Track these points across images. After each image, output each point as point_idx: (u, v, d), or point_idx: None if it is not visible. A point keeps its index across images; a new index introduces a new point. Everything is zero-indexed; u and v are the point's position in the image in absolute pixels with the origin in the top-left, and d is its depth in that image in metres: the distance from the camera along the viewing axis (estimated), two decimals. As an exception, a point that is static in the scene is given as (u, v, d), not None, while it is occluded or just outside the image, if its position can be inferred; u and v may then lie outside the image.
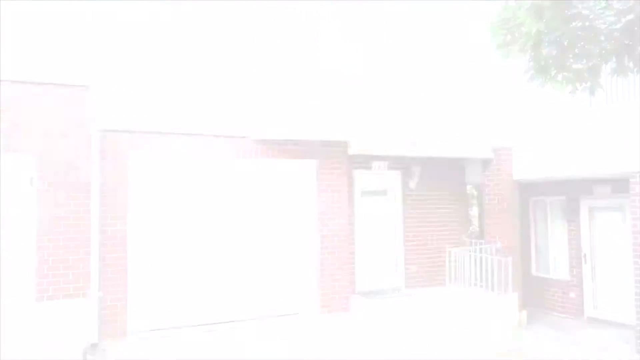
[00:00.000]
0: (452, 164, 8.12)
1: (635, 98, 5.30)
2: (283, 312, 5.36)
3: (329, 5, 5.53)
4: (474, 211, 10.01)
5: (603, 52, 3.04)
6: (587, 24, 2.94)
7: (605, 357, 5.19)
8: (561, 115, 6.24)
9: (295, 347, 4.74)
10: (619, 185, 6.67)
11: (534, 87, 3.53)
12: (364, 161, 7.20)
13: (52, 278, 4.34)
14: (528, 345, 5.60)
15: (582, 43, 3.06)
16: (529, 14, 3.04)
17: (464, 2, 7.14)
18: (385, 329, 5.17)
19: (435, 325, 5.52)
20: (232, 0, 5.34)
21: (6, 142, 4.17)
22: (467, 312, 5.72)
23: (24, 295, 4.30)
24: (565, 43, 3.05)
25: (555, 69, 3.27)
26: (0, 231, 4.23)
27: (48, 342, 4.16)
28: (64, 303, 4.33)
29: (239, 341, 4.76)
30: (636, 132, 5.11)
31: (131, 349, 4.51)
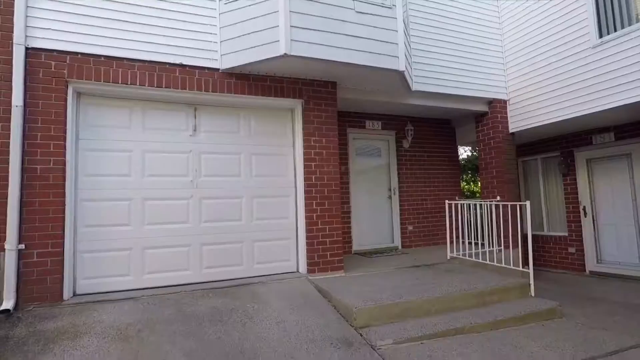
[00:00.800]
0: (444, 126, 8.02)
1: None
2: (266, 272, 4.94)
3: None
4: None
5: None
6: None
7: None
8: (559, 60, 5.97)
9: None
10: (625, 130, 6.57)
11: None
12: (358, 120, 7.08)
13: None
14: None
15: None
16: None
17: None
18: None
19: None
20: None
21: None
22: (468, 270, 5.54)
23: None
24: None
25: None
26: None
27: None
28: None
29: (204, 309, 3.90)
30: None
31: (63, 318, 3.54)
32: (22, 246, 3.79)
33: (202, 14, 4.69)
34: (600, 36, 5.45)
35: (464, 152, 15.82)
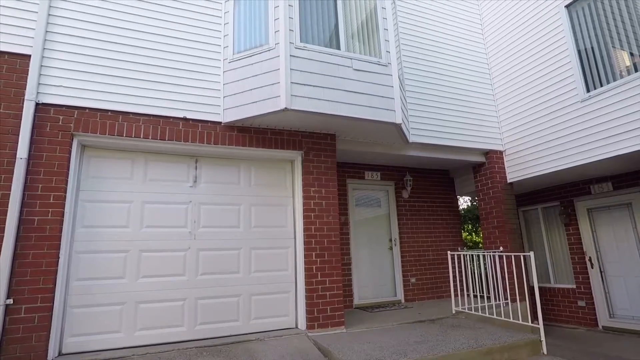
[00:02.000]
0: (442, 176, 8.11)
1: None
2: (264, 329, 4.74)
3: None
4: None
5: None
6: None
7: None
8: (551, 112, 6.17)
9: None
10: (622, 179, 6.61)
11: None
12: (357, 170, 7.17)
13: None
14: None
15: None
16: None
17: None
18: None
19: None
20: None
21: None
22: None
23: None
24: None
25: None
26: None
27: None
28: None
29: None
30: None
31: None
32: (10, 301, 3.65)
33: (206, 71, 4.94)
34: (588, 90, 5.69)
35: (464, 202, 15.84)
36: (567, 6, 6.03)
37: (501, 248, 6.46)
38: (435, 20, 7.10)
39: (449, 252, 6.19)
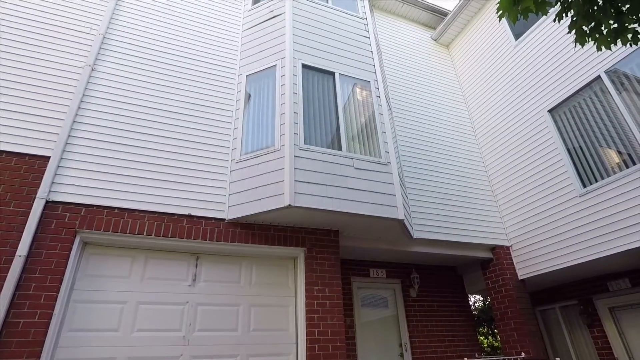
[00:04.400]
0: (450, 273, 7.83)
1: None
2: None
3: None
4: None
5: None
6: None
7: None
8: (551, 207, 6.22)
9: None
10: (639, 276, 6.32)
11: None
12: (362, 268, 6.95)
13: None
14: None
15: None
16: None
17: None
18: None
19: None
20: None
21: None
22: None
23: None
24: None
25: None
26: None
27: None
28: None
29: None
30: None
31: None
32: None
33: (213, 171, 5.17)
34: (584, 186, 5.82)
35: (476, 300, 15.00)
36: (549, 111, 6.55)
37: (523, 354, 5.89)
38: (432, 124, 7.66)
39: (465, 359, 5.63)
